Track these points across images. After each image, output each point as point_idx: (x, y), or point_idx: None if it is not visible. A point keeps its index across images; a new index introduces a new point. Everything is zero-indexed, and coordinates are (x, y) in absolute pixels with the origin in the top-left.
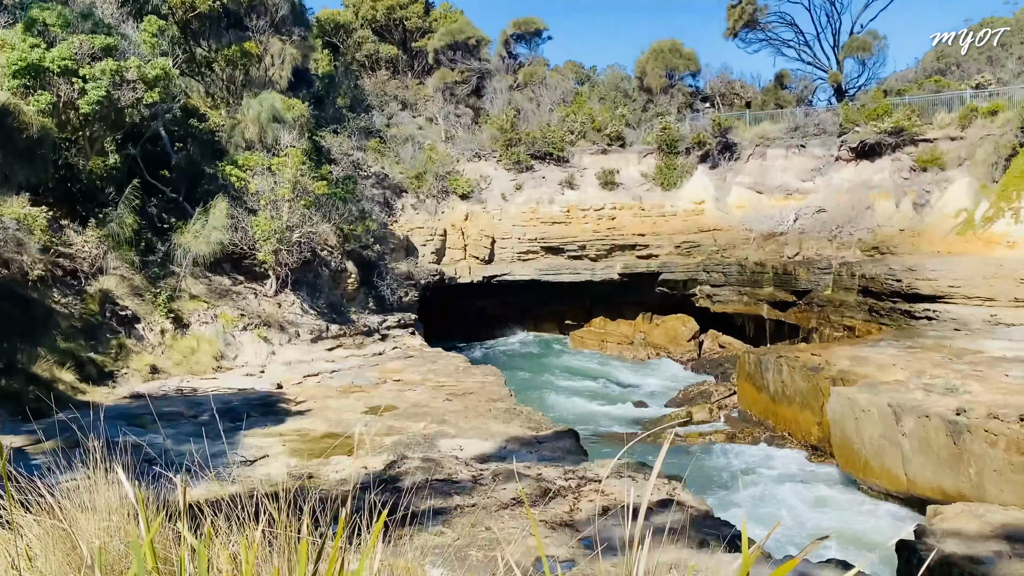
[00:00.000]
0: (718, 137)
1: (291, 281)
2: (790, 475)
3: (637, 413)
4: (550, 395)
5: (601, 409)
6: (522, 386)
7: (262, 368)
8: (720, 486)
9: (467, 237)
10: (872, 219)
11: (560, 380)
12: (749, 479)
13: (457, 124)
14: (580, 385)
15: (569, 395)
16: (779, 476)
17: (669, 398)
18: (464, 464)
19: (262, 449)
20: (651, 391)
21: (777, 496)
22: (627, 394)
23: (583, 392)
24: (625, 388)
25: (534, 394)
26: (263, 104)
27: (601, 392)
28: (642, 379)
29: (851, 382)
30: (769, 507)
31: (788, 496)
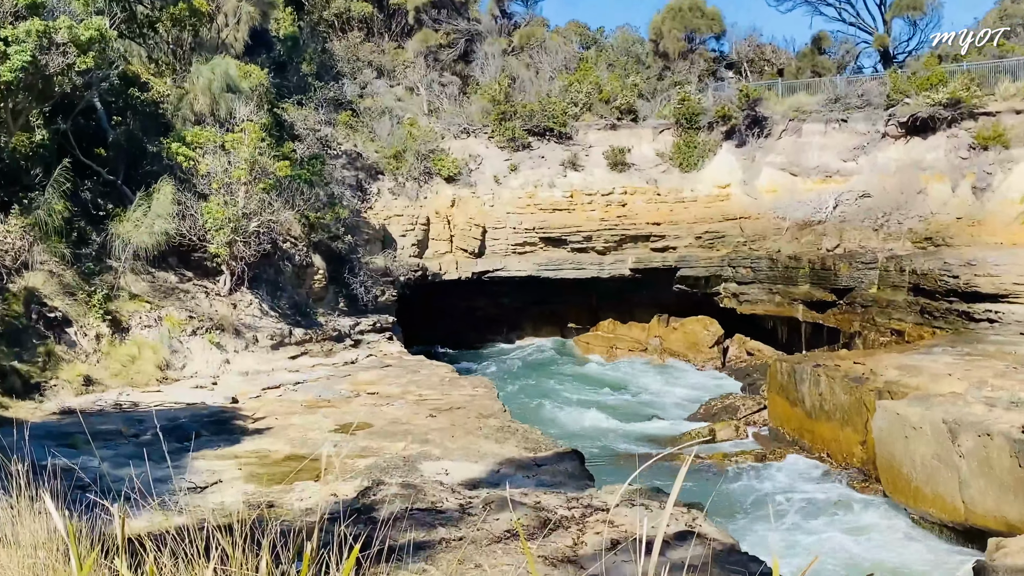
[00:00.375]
0: (746, 110)
1: (248, 278)
2: (828, 502)
3: (651, 430)
4: (549, 410)
5: (609, 426)
6: (518, 400)
7: (214, 379)
8: (748, 515)
9: (454, 226)
10: (924, 205)
11: (561, 392)
12: (781, 507)
13: (442, 95)
14: (585, 398)
15: (572, 410)
16: (816, 503)
17: (689, 412)
18: (450, 491)
19: (214, 473)
20: (668, 404)
21: (813, 526)
22: (639, 408)
23: (588, 406)
24: (637, 401)
25: (531, 409)
26: (215, 71)
27: (610, 406)
28: (658, 390)
29: (900, 395)
30: (804, 539)
31: (826, 526)
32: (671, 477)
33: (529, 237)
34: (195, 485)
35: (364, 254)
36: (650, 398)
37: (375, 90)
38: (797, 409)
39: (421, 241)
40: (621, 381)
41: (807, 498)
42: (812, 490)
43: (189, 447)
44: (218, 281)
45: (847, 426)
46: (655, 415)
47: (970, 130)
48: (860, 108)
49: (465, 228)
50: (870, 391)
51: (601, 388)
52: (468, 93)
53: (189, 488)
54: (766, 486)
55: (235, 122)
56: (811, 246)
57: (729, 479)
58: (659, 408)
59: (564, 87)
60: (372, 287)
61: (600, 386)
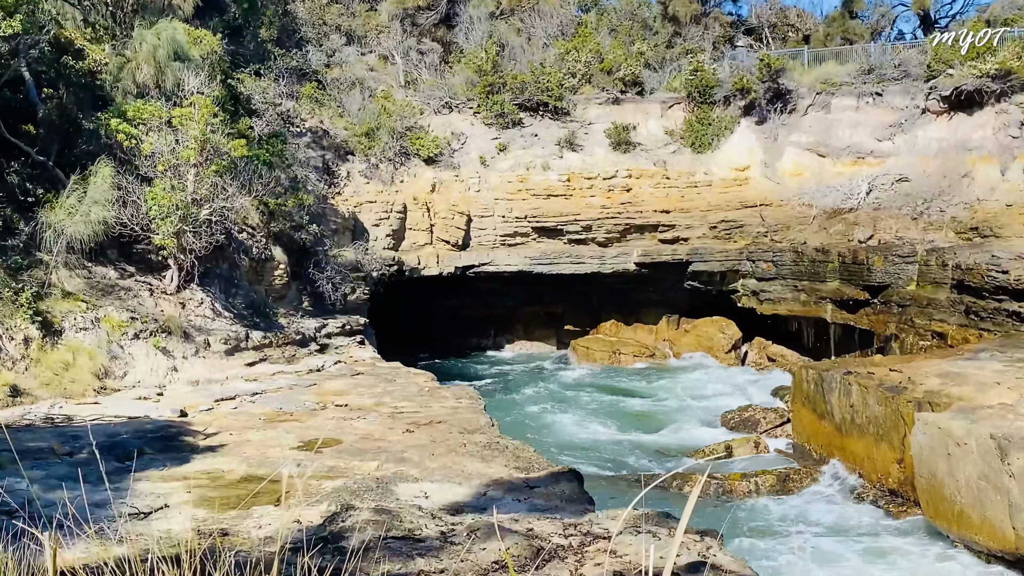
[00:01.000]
0: (767, 82)
1: (199, 273)
2: (860, 528)
3: (659, 446)
4: (543, 424)
5: (611, 441)
6: (507, 413)
7: (160, 389)
8: (769, 543)
9: (434, 215)
10: (970, 191)
11: (556, 404)
12: (806, 533)
13: (420, 64)
14: (583, 410)
15: (568, 424)
16: (846, 529)
17: (703, 424)
18: (430, 516)
19: (160, 497)
20: (679, 415)
21: (843, 556)
22: (646, 420)
23: (587, 419)
24: (644, 412)
25: (522, 424)
26: (161, 37)
27: (612, 418)
28: (666, 395)
29: (942, 407)
30: (832, 571)
31: (857, 556)
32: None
33: (520, 227)
34: (138, 510)
35: (332, 246)
36: (658, 408)
37: (344, 59)
38: (825, 423)
39: (397, 231)
40: (624, 389)
41: (836, 524)
42: (842, 515)
43: (131, 467)
44: (164, 277)
45: (882, 442)
46: (663, 428)
47: (1022, 104)
48: (897, 80)
49: (447, 216)
50: (908, 402)
51: (602, 398)
52: (450, 62)
53: (131, 514)
54: (789, 510)
55: (183, 95)
56: (841, 237)
57: (748, 502)
58: (668, 420)
59: (560, 56)
60: (341, 284)
61: (601, 395)
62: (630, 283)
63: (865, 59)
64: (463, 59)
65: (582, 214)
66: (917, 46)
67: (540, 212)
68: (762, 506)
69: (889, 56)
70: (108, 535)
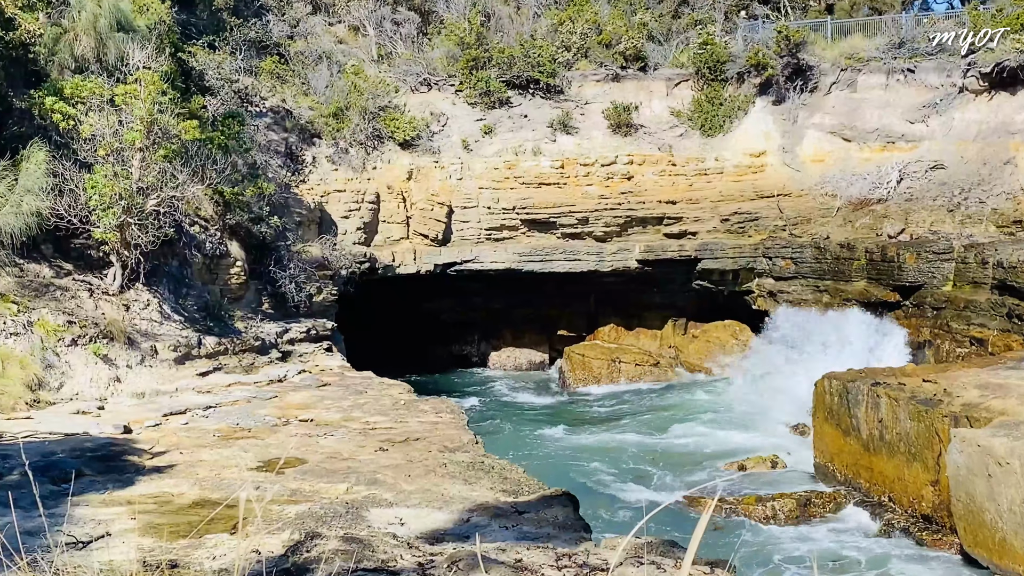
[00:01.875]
0: (785, 57)
1: (145, 271)
2: (890, 557)
3: (663, 464)
4: (533, 441)
5: (610, 459)
6: (492, 428)
7: (101, 402)
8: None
9: (411, 205)
10: (1013, 179)
11: (549, 418)
12: (828, 565)
13: (396, 36)
14: (577, 421)
15: (562, 438)
16: (872, 560)
17: (714, 442)
18: (406, 545)
19: (101, 524)
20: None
21: None
22: (648, 436)
23: (582, 430)
24: (646, 426)
25: (509, 440)
26: (102, 4)
27: (611, 432)
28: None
29: (982, 422)
30: None
31: None
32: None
33: (508, 219)
34: (76, 539)
35: (295, 241)
36: (663, 422)
37: (309, 29)
38: (850, 440)
39: (369, 224)
40: (623, 400)
41: (860, 554)
42: (867, 543)
43: (68, 490)
44: (106, 275)
45: (914, 462)
46: (668, 446)
47: None
48: (931, 56)
49: (426, 208)
50: (944, 417)
51: (600, 410)
52: (429, 34)
53: (68, 543)
54: (809, 537)
55: (128, 70)
56: (868, 231)
57: (763, 529)
58: (675, 436)
59: (553, 27)
60: (306, 284)
61: (598, 408)
62: (631, 283)
63: (896, 32)
64: (444, 30)
65: (577, 205)
66: (954, 16)
67: (530, 203)
68: (779, 534)
69: (923, 28)
70: (42, 567)
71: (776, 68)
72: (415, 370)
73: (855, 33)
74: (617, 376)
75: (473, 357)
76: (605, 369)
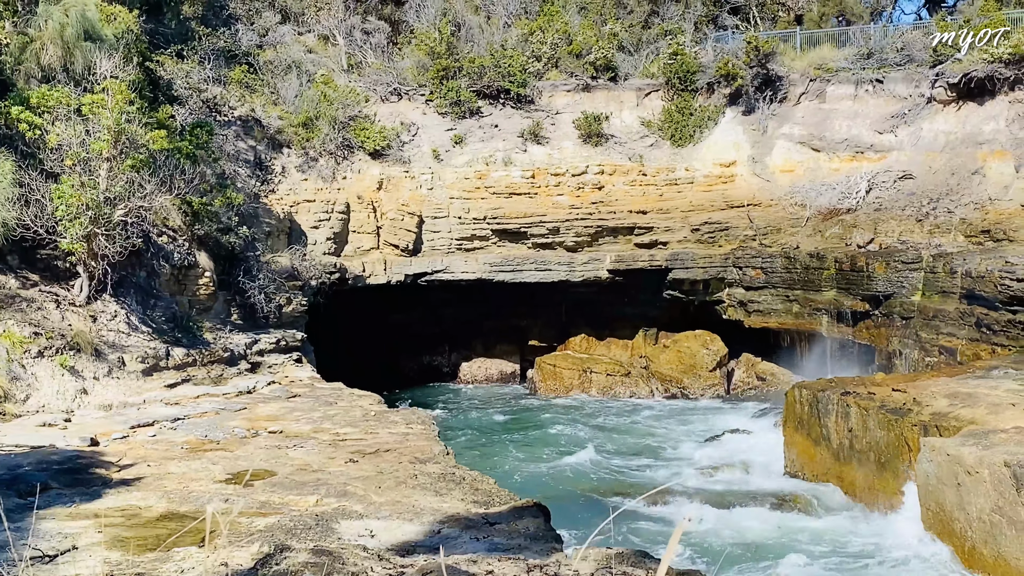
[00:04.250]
0: (755, 67)
1: (112, 282)
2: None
3: (635, 476)
4: (504, 453)
5: (580, 472)
6: (464, 441)
7: (68, 415)
8: None
9: (381, 215)
10: (981, 189)
11: (519, 430)
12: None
13: (366, 46)
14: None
15: (534, 449)
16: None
17: (685, 451)
18: (377, 558)
19: (67, 538)
20: (658, 442)
21: None
22: (619, 448)
23: (554, 443)
24: (618, 437)
25: (481, 453)
26: (69, 13)
27: (582, 445)
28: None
29: (951, 431)
30: None
31: None
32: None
33: (479, 229)
34: (42, 553)
35: (264, 251)
36: (634, 434)
37: (279, 39)
38: (821, 448)
39: (339, 234)
40: (595, 412)
41: (833, 557)
42: (841, 546)
43: (34, 503)
44: (73, 286)
45: (884, 470)
46: (639, 456)
47: None
48: (899, 65)
49: (396, 218)
50: (913, 426)
51: (571, 422)
52: (400, 44)
53: (33, 557)
54: (779, 542)
55: (95, 79)
56: (838, 241)
57: (735, 536)
58: (645, 447)
59: (523, 37)
60: (275, 294)
61: (569, 420)
62: (603, 293)
63: (864, 42)
64: (414, 40)
65: (548, 215)
66: (922, 27)
67: (501, 213)
68: (750, 540)
69: (891, 39)
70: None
71: (745, 78)
72: (386, 381)
73: (824, 44)
74: (588, 386)
75: (444, 368)
76: (576, 379)
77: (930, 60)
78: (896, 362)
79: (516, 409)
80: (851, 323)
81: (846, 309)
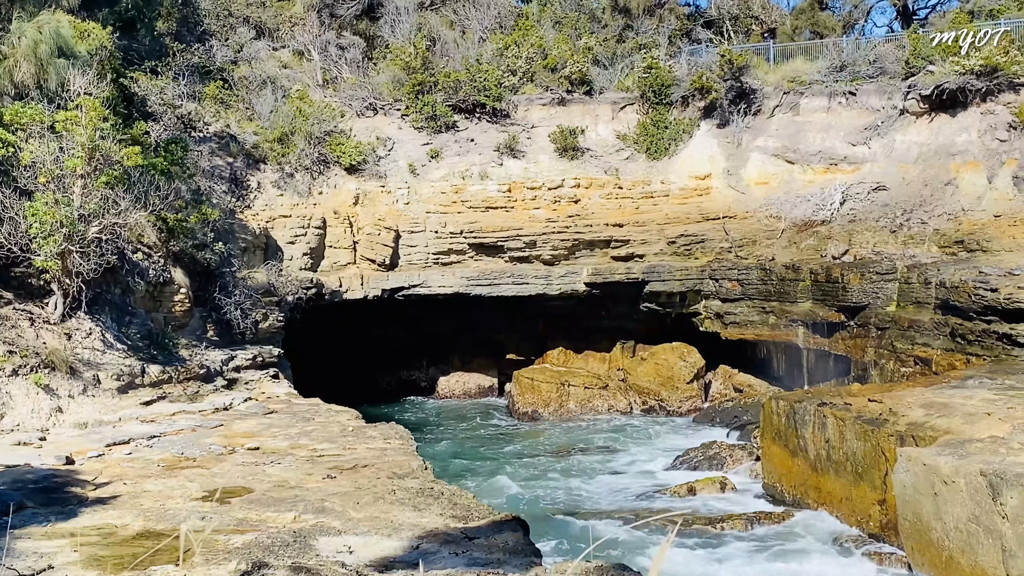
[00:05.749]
0: (729, 80)
1: (87, 299)
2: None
3: (615, 490)
4: (482, 464)
5: (559, 486)
6: (442, 457)
7: (43, 433)
8: None
9: (358, 231)
10: (954, 200)
11: (497, 445)
12: None
13: (341, 61)
14: (527, 444)
15: (512, 461)
16: None
17: (663, 465)
18: (355, 574)
19: (43, 557)
20: (636, 457)
21: None
22: (598, 462)
23: (531, 455)
24: (596, 451)
25: (458, 466)
26: (43, 30)
27: (560, 459)
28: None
29: (927, 441)
30: None
31: None
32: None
33: (455, 243)
34: (17, 572)
35: (240, 267)
36: (612, 448)
37: (253, 54)
38: (798, 460)
39: (315, 250)
40: (572, 426)
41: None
42: (819, 565)
43: (8, 523)
44: (47, 304)
45: (861, 481)
46: (619, 470)
47: (1010, 105)
48: (872, 78)
49: (373, 232)
50: (889, 436)
51: (548, 438)
52: (375, 59)
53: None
54: (759, 559)
55: (69, 96)
56: (813, 252)
57: (712, 550)
58: (623, 461)
59: (498, 51)
60: (251, 310)
61: (548, 432)
62: (580, 306)
63: (837, 55)
64: (389, 55)
65: (525, 228)
66: (895, 39)
67: (478, 227)
68: (728, 553)
69: (864, 52)
70: None
71: (720, 91)
72: (363, 396)
73: (797, 57)
74: (566, 399)
75: (422, 382)
76: (554, 393)
77: (902, 72)
78: (872, 372)
79: (492, 427)
80: (827, 334)
81: (822, 320)
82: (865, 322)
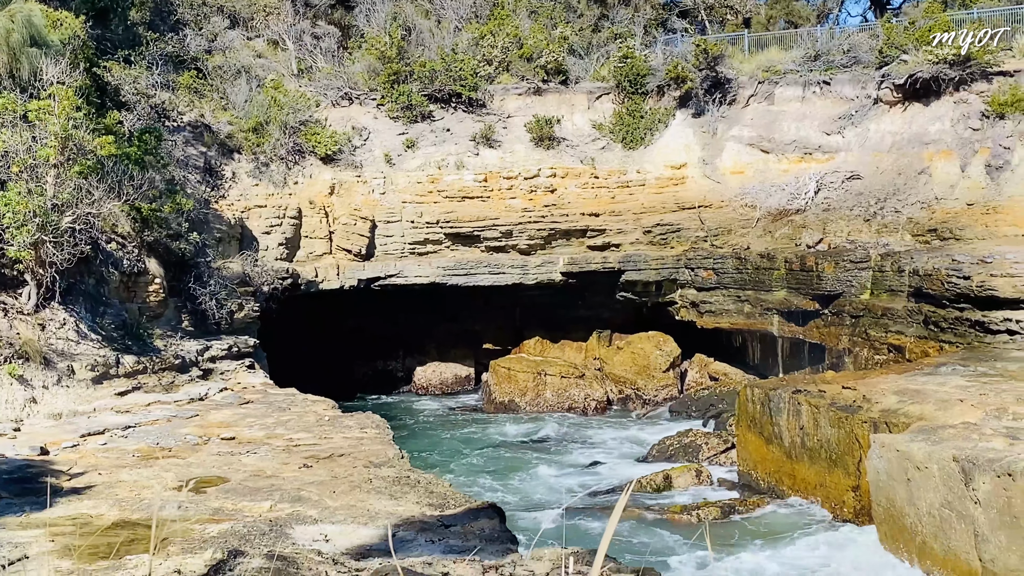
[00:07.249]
0: (704, 70)
1: (60, 290)
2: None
3: (591, 479)
4: (458, 453)
5: (536, 475)
6: (418, 447)
7: (17, 424)
8: None
9: (333, 220)
10: (927, 189)
11: (474, 435)
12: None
13: (316, 50)
14: (502, 441)
15: (488, 450)
16: (800, 566)
17: (638, 454)
18: (332, 562)
19: (17, 547)
20: (611, 445)
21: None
22: (573, 451)
23: (507, 443)
24: (571, 442)
25: (434, 455)
26: (14, 19)
27: (535, 450)
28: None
29: (900, 427)
30: None
31: None
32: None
33: (432, 233)
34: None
35: (215, 257)
36: (587, 438)
37: (227, 43)
38: (773, 447)
39: (291, 240)
40: (548, 416)
41: (788, 560)
42: (794, 550)
43: None
44: (20, 294)
45: (836, 468)
46: (595, 460)
47: (983, 94)
48: (846, 67)
49: (348, 222)
50: (863, 423)
51: (523, 428)
52: (350, 48)
53: None
54: (736, 546)
55: (41, 86)
56: (788, 241)
57: (689, 537)
58: (599, 450)
59: (474, 40)
60: (227, 300)
61: (524, 421)
62: (556, 295)
63: (811, 44)
64: (364, 44)
65: (501, 218)
66: (868, 29)
67: (454, 216)
68: (704, 540)
69: (838, 41)
70: None
71: (695, 81)
72: (340, 386)
73: (772, 46)
74: (543, 389)
75: (398, 372)
76: (531, 382)
77: (876, 61)
78: (846, 360)
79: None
80: (802, 322)
81: (796, 308)
82: (839, 310)
